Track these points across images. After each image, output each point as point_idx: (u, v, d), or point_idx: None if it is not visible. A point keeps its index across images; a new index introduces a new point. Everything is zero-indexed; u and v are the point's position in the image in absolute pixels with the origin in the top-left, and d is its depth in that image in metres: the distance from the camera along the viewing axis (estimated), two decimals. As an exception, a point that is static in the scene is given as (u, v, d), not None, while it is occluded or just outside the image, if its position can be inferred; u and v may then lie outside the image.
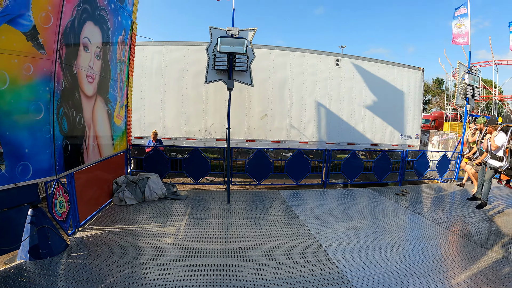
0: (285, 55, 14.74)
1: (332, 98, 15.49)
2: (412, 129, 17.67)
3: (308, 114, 15.11)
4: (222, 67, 8.51)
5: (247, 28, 8.73)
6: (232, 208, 8.48)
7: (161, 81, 13.78)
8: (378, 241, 6.81)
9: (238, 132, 14.12)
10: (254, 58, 8.88)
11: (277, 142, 14.70)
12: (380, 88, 16.49)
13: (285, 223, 7.54)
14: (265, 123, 14.53)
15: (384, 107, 16.63)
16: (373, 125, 16.52)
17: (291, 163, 11.20)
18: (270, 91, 14.53)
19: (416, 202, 10.46)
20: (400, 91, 17.03)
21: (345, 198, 10.47)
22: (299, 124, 14.95)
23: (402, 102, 17.19)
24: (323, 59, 15.31)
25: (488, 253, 6.59)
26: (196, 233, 6.49)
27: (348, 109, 15.87)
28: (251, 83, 8.93)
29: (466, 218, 9.05)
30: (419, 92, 17.67)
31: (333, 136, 15.60)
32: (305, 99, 15.00)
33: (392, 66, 16.87)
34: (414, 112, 17.62)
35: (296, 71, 14.84)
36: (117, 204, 7.96)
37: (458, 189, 12.79)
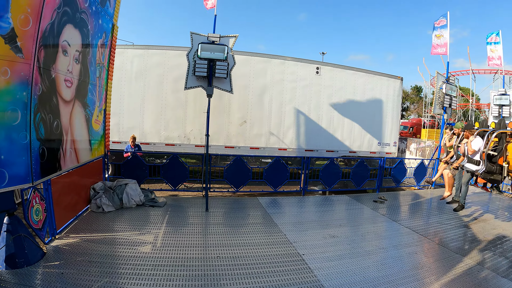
0: (265, 62, 14.83)
1: (312, 105, 15.65)
2: (390, 136, 18.01)
3: (287, 121, 15.22)
4: (202, 73, 8.52)
5: (228, 34, 8.78)
6: (210, 215, 8.46)
7: (141, 86, 13.68)
8: (355, 249, 6.91)
9: (217, 138, 14.11)
10: (235, 64, 8.93)
11: (256, 148, 14.74)
12: (359, 96, 16.76)
13: (263, 231, 7.56)
14: (244, 130, 14.56)
15: (363, 115, 16.90)
16: (352, 133, 16.74)
17: (269, 170, 11.27)
18: (250, 97, 14.60)
19: (394, 209, 10.66)
20: (379, 99, 17.34)
21: (323, 205, 10.59)
22: (278, 131, 15.05)
23: (380, 110, 17.51)
24: (303, 66, 15.48)
25: (464, 260, 6.77)
26: (175, 242, 6.45)
27: (327, 117, 16.05)
28: (231, 90, 8.97)
29: (442, 225, 9.27)
30: (397, 101, 18.04)
31: (312, 143, 15.75)
32: (284, 106, 15.12)
33: (371, 75, 17.17)
34: (393, 120, 17.98)
35: (276, 78, 14.95)
36: (95, 211, 7.86)
37: (435, 195, 13.12)
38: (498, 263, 6.88)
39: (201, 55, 8.43)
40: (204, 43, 8.52)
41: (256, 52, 14.89)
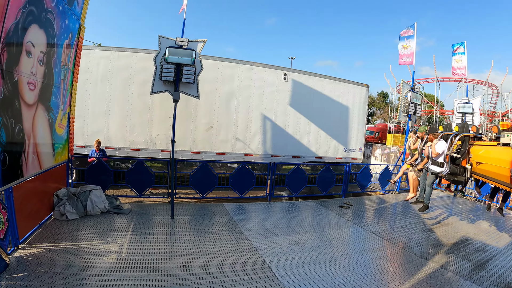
0: (233, 67, 15.01)
1: (279, 111, 15.94)
2: (356, 142, 18.60)
3: (254, 127, 15.44)
4: (169, 78, 8.52)
5: (196, 39, 8.78)
6: (176, 222, 8.46)
7: (107, 89, 13.55)
8: (321, 255, 7.06)
9: (183, 143, 14.13)
10: (202, 70, 8.99)
11: (222, 154, 14.87)
12: (326, 102, 17.18)
13: (229, 238, 7.62)
14: (211, 135, 14.66)
15: (329, 121, 17.36)
16: (318, 139, 17.15)
17: (235, 176, 11.40)
18: (217, 103, 14.71)
19: (359, 214, 10.98)
20: (345, 106, 17.84)
21: (289, 211, 10.78)
22: (244, 137, 15.24)
23: (347, 116, 18.03)
24: (271, 72, 15.77)
25: (428, 264, 7.07)
26: (140, 251, 6.41)
27: (294, 123, 16.38)
28: (198, 95, 9.00)
29: (406, 229, 9.61)
30: (363, 108, 18.66)
31: (278, 149, 16.02)
32: (251, 112, 15.34)
33: (338, 82, 17.69)
34: (358, 126, 18.55)
35: (243, 83, 15.15)
36: (58, 218, 7.71)
37: (399, 200, 13.61)
38: (461, 266, 7.21)
39: (168, 60, 8.45)
40: (171, 47, 8.55)
41: (224, 57, 15.00)
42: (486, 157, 7.49)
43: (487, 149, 7.61)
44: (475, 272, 7.03)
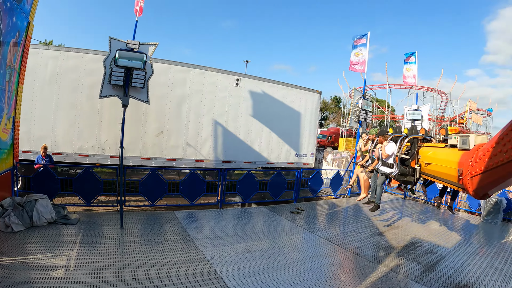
0: (185, 71, 15.08)
1: (230, 117, 16.19)
2: (308, 148, 19.20)
3: (205, 133, 15.57)
4: (118, 82, 8.39)
5: (148, 42, 8.72)
6: (126, 232, 8.37)
7: (55, 90, 13.15)
8: (273, 263, 7.25)
9: (133, 149, 14.02)
10: (153, 74, 8.95)
11: (172, 160, 14.89)
12: (278, 108, 17.62)
13: (180, 248, 7.62)
14: (161, 141, 14.64)
15: (281, 127, 17.81)
16: (270, 144, 17.58)
17: (186, 183, 11.46)
18: (168, 107, 14.72)
19: (311, 219, 11.36)
20: (297, 112, 18.38)
21: (240, 218, 11.00)
22: (195, 142, 15.34)
23: (298, 122, 18.57)
24: (224, 77, 16.00)
25: (378, 268, 7.47)
26: (89, 264, 6.28)
27: (246, 128, 16.70)
28: (147, 100, 8.98)
29: (357, 233, 10.07)
30: (315, 114, 19.28)
31: (229, 154, 16.25)
32: (202, 117, 15.46)
33: (291, 88, 18.22)
34: (310, 132, 19.16)
35: (195, 88, 15.25)
36: (3, 230, 7.49)
37: (350, 204, 14.21)
38: (411, 268, 7.70)
39: (118, 63, 8.31)
40: (122, 50, 8.43)
41: (176, 60, 15.01)
42: (434, 158, 7.85)
43: (436, 150, 8.00)
44: (425, 274, 7.50)
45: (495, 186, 5.37)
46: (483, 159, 5.14)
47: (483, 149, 5.31)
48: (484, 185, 5.36)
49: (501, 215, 13.84)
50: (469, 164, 5.66)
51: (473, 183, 5.56)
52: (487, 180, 5.18)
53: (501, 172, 4.75)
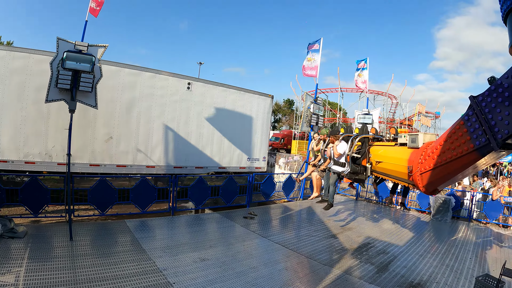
0: (136, 74, 14.99)
1: (181, 121, 16.31)
2: (260, 152, 19.65)
3: (155, 138, 15.58)
4: (65, 86, 8.23)
5: (97, 44, 8.57)
6: (76, 245, 8.26)
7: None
8: (227, 271, 7.49)
9: (81, 156, 13.76)
10: (101, 77, 8.86)
11: (122, 166, 14.77)
12: (230, 113, 17.95)
13: (132, 260, 7.64)
14: (111, 147, 14.47)
15: (233, 132, 18.16)
16: (221, 149, 17.86)
17: (136, 191, 11.53)
18: (118, 112, 14.56)
19: (264, 224, 11.76)
20: (249, 116, 18.78)
21: (193, 225, 11.17)
22: (146, 148, 15.32)
23: (250, 126, 18.98)
24: (175, 81, 16.08)
25: (332, 271, 7.90)
26: (39, 281, 6.12)
27: (197, 133, 16.87)
28: (96, 105, 8.87)
29: (311, 237, 10.53)
30: (267, 118, 19.80)
31: (181, 160, 16.35)
32: (153, 121, 15.46)
33: (243, 92, 18.59)
34: (262, 136, 19.62)
35: (146, 92, 15.21)
36: None
37: (303, 207, 14.81)
38: (364, 269, 8.20)
39: (65, 65, 8.12)
40: (70, 51, 8.24)
41: (126, 63, 14.86)
42: (385, 156, 8.25)
43: (386, 149, 8.46)
44: (378, 274, 8.01)
45: (444, 182, 5.83)
46: (432, 157, 5.58)
47: (431, 147, 5.76)
48: (434, 181, 5.80)
49: (450, 213, 14.94)
50: (419, 162, 6.09)
51: (423, 180, 6.00)
52: (436, 176, 5.61)
53: (449, 168, 5.18)
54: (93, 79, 8.61)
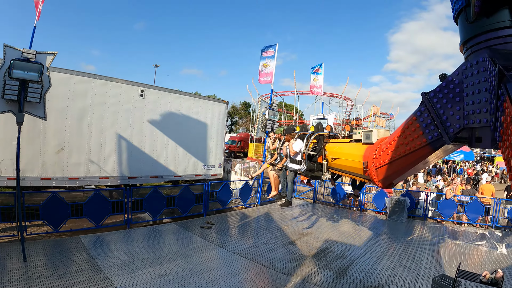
0: (87, 82, 14.87)
1: (134, 130, 16.43)
2: (215, 159, 20.07)
3: (108, 148, 15.59)
4: (12, 96, 8.17)
5: (46, 51, 8.46)
6: (30, 266, 8.19)
7: None
8: (185, 286, 7.79)
9: (32, 169, 13.56)
10: (50, 87, 8.79)
11: (75, 179, 14.67)
12: (184, 120, 18.26)
13: (89, 279, 7.72)
14: (62, 158, 14.32)
15: (188, 139, 18.48)
16: (176, 157, 18.13)
17: (90, 205, 11.67)
18: (68, 122, 14.44)
19: (222, 233, 12.17)
20: (204, 123, 19.16)
21: (150, 238, 11.41)
22: (99, 159, 15.29)
23: (205, 133, 19.36)
24: (128, 89, 16.16)
25: (291, 279, 8.34)
26: None
27: (151, 142, 17.05)
28: (45, 116, 8.81)
29: (269, 245, 11.03)
30: (222, 124, 20.24)
31: (135, 170, 16.46)
32: (105, 131, 15.45)
33: (197, 99, 19.01)
34: (217, 143, 20.05)
35: (97, 100, 15.15)
36: None
37: (261, 213, 15.43)
38: (323, 276, 8.70)
39: (13, 75, 8.01)
40: (18, 59, 8.15)
41: (77, 70, 14.73)
42: (340, 153, 8.66)
43: (341, 145, 8.86)
44: (337, 280, 8.52)
45: (399, 176, 6.32)
46: (386, 152, 6.01)
47: (385, 142, 6.21)
48: (389, 175, 6.25)
49: (405, 213, 15.95)
50: (374, 157, 6.50)
51: (378, 174, 6.42)
52: (391, 170, 6.05)
53: (403, 162, 5.65)
54: (42, 89, 8.58)
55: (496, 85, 3.50)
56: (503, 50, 3.90)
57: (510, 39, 3.90)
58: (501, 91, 3.41)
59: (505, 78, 3.37)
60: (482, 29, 4.10)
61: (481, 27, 4.11)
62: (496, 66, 3.51)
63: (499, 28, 3.94)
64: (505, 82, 3.33)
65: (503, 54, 3.83)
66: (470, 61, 4.24)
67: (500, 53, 3.86)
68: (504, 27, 3.90)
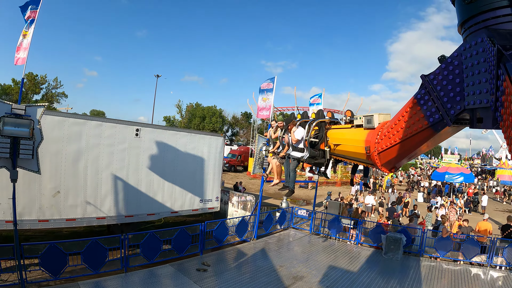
0: (81, 124, 15.61)
1: (130, 170, 17.22)
2: (212, 192, 21.01)
3: (104, 188, 16.33)
4: (4, 154, 8.52)
5: (36, 103, 9.00)
6: None
7: None
8: None
9: (29, 212, 14.23)
10: (42, 140, 9.23)
11: (72, 220, 15.39)
12: (181, 156, 19.15)
13: None
14: (59, 201, 15.02)
15: (184, 175, 19.36)
16: (173, 194, 18.99)
17: (87, 252, 12.09)
18: (63, 165, 15.13)
19: (218, 277, 12.64)
20: (200, 158, 20.10)
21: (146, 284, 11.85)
22: (95, 200, 16.02)
23: (202, 168, 20.31)
24: (123, 128, 16.96)
25: None
26: None
27: (147, 180, 17.86)
28: (38, 170, 9.26)
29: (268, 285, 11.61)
30: (219, 157, 21.22)
31: (132, 208, 17.24)
32: (101, 172, 16.21)
33: (193, 134, 20.02)
34: (214, 176, 21.01)
35: (92, 142, 15.90)
36: None
37: (258, 249, 15.99)
38: None
39: (3, 132, 8.33)
40: (7, 115, 8.48)
41: (71, 113, 15.65)
42: (342, 139, 8.96)
43: (343, 131, 9.20)
44: None
45: (401, 159, 6.68)
46: (388, 136, 6.30)
47: (387, 126, 6.51)
48: (392, 159, 6.60)
49: (401, 251, 16.52)
50: (375, 142, 6.80)
51: (380, 159, 6.75)
52: (394, 154, 6.37)
53: (405, 146, 5.95)
54: (34, 143, 8.99)
55: (495, 65, 3.63)
56: (501, 30, 4.04)
57: (507, 19, 4.07)
58: (500, 71, 3.53)
59: (504, 57, 3.50)
60: (479, 9, 4.27)
61: (478, 7, 4.28)
62: (494, 46, 3.67)
63: (496, 7, 4.12)
64: (504, 62, 3.47)
65: (501, 34, 3.96)
66: (469, 42, 4.45)
67: (498, 33, 4.00)
68: (501, 7, 4.08)
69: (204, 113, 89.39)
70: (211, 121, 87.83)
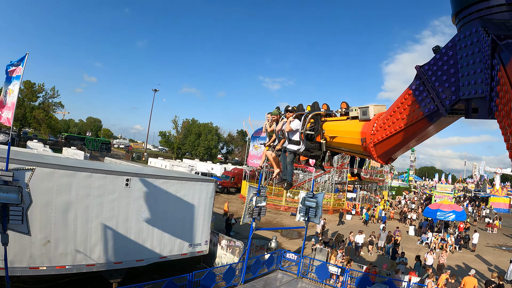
0: (71, 175, 16.32)
1: (120, 219, 17.99)
2: (202, 236, 21.95)
3: (94, 237, 17.03)
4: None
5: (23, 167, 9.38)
6: None
7: None
8: None
9: (20, 260, 14.79)
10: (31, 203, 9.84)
11: (62, 267, 16.10)
12: (171, 203, 20.04)
13: None
14: (49, 250, 15.67)
15: (174, 222, 20.23)
16: (162, 240, 19.84)
17: None
18: (53, 216, 15.72)
19: None
20: (191, 204, 21.05)
21: None
22: (85, 248, 16.73)
23: (192, 214, 21.24)
24: (113, 179, 17.77)
25: None
26: None
27: (137, 228, 18.68)
28: (28, 232, 9.74)
29: None
30: (209, 203, 22.21)
31: (121, 255, 17.98)
32: (91, 222, 16.90)
33: (184, 182, 20.89)
34: (204, 221, 21.98)
35: (81, 193, 16.59)
36: None
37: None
38: None
39: None
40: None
41: (60, 164, 16.20)
42: (338, 131, 8.93)
43: (338, 123, 9.16)
44: None
45: (397, 150, 6.82)
46: (383, 127, 6.36)
47: (382, 117, 6.51)
48: (387, 151, 6.73)
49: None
50: (371, 133, 6.88)
51: (377, 150, 6.85)
52: (390, 145, 6.48)
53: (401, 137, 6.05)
54: (23, 209, 9.16)
55: (490, 55, 3.68)
56: (495, 20, 4.07)
57: (501, 8, 4.07)
58: (495, 61, 3.57)
59: (498, 47, 3.53)
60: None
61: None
62: (489, 36, 3.70)
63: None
64: (498, 52, 3.50)
65: (495, 24, 3.98)
66: (463, 32, 4.48)
67: (492, 22, 4.03)
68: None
69: (200, 130, 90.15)
70: (207, 138, 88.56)
